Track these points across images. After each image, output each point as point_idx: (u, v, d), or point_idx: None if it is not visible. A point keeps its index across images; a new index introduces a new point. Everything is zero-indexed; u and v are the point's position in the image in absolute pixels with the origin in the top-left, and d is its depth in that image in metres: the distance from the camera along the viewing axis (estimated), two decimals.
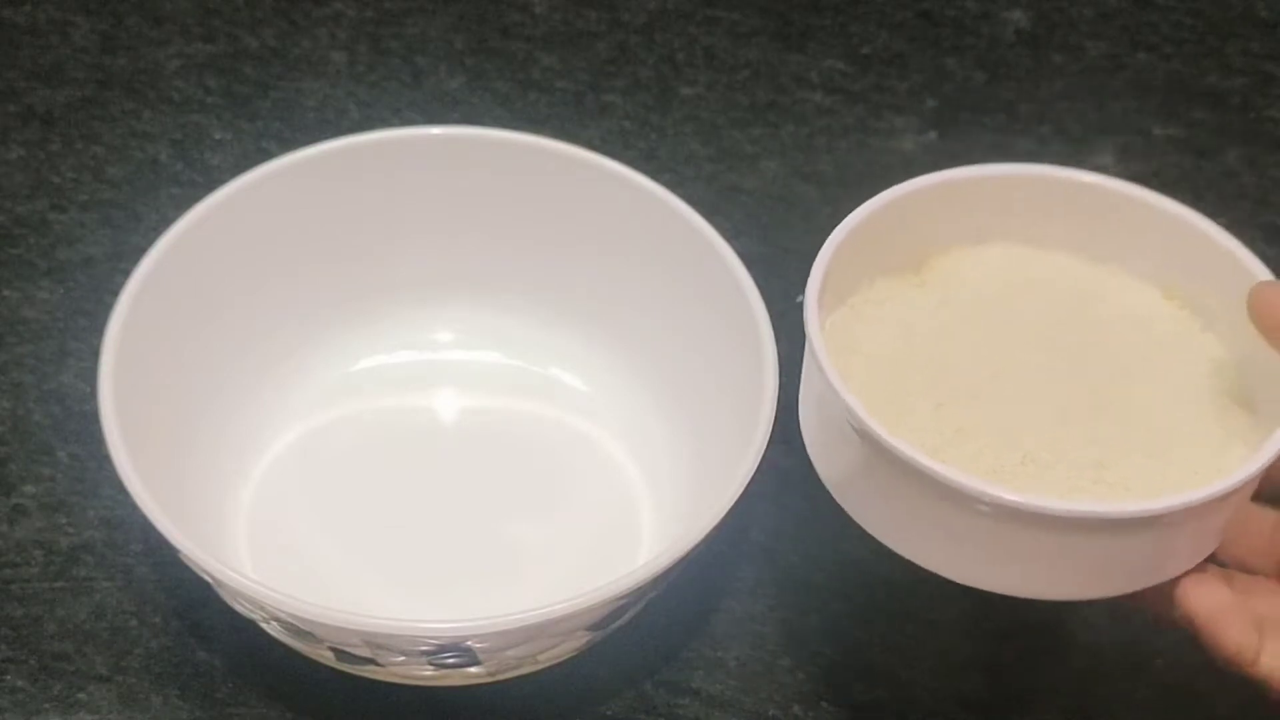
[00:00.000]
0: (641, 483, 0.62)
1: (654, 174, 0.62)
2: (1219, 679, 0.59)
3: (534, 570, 0.60)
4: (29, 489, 0.62)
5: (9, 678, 0.57)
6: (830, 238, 0.51)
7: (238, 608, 0.54)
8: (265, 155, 0.65)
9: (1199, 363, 0.52)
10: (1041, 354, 0.51)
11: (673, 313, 0.62)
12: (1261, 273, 0.51)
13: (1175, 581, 0.48)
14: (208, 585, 0.54)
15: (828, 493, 0.63)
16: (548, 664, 0.55)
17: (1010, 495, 0.45)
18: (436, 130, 0.63)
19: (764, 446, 0.54)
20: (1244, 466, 0.46)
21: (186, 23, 0.77)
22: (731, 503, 0.53)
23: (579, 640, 0.54)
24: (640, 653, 0.59)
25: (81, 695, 0.57)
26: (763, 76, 0.77)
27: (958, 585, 0.61)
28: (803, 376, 0.52)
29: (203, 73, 0.75)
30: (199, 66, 0.76)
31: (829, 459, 0.51)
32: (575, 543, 0.61)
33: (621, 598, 0.52)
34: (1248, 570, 0.51)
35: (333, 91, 0.75)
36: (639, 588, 0.52)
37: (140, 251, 0.59)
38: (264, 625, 0.54)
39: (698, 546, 0.53)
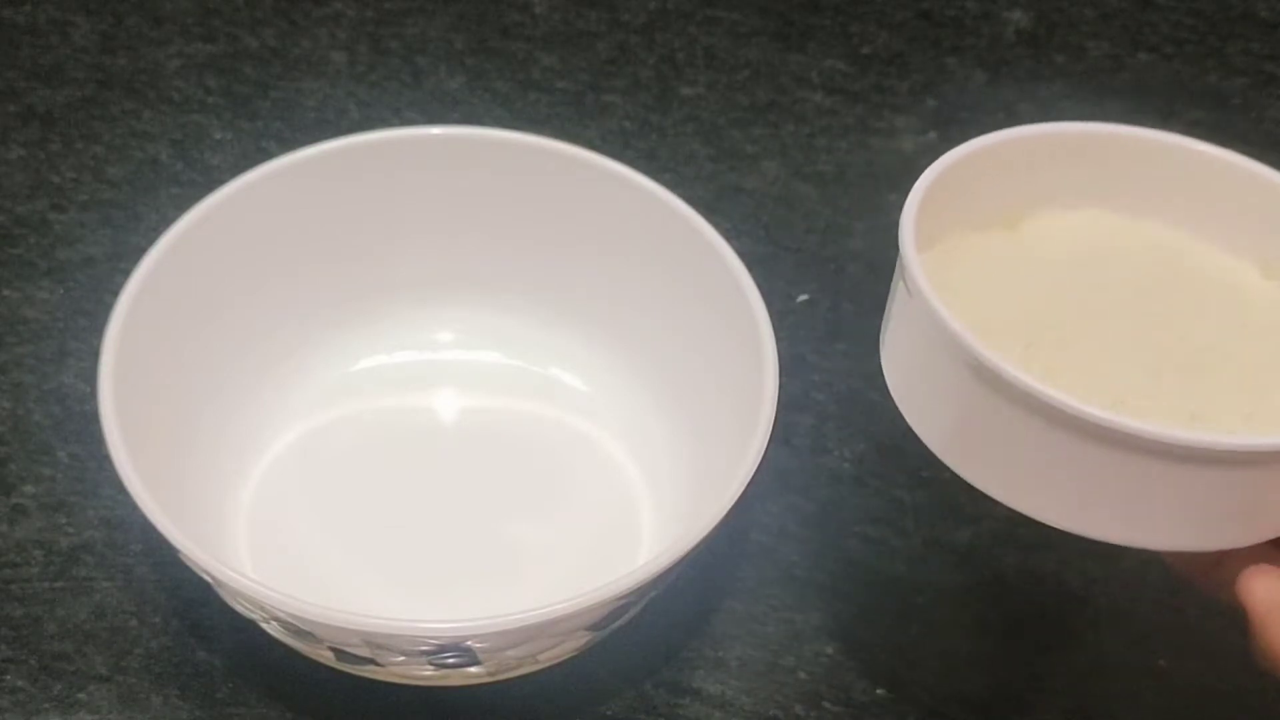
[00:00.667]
0: (641, 483, 0.62)
1: (654, 174, 0.62)
2: (1220, 679, 0.59)
3: (534, 570, 0.60)
4: (29, 489, 0.62)
5: (9, 678, 0.57)
6: (923, 176, 0.50)
7: (238, 608, 0.54)
8: (265, 155, 0.65)
9: None
10: (1133, 313, 0.50)
11: (673, 313, 0.62)
12: None
13: (1238, 569, 0.47)
14: (208, 585, 0.54)
15: (827, 492, 0.63)
16: (548, 664, 0.55)
17: (1131, 422, 0.43)
18: (436, 130, 0.63)
19: (764, 446, 0.54)
20: None
21: (186, 23, 0.77)
22: (731, 503, 0.53)
23: (579, 640, 0.54)
24: (640, 653, 0.59)
25: (81, 695, 0.57)
26: (763, 76, 0.77)
27: (958, 584, 0.61)
28: (891, 314, 0.50)
29: (203, 73, 0.75)
30: (199, 66, 0.76)
31: (922, 398, 0.49)
32: (575, 543, 0.61)
33: (621, 598, 0.52)
34: None
35: (333, 91, 0.75)
36: (639, 588, 0.52)
37: (140, 251, 0.59)
38: (264, 625, 0.54)
39: (698, 546, 0.53)
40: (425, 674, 0.54)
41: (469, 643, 0.51)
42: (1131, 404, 0.47)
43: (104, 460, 0.53)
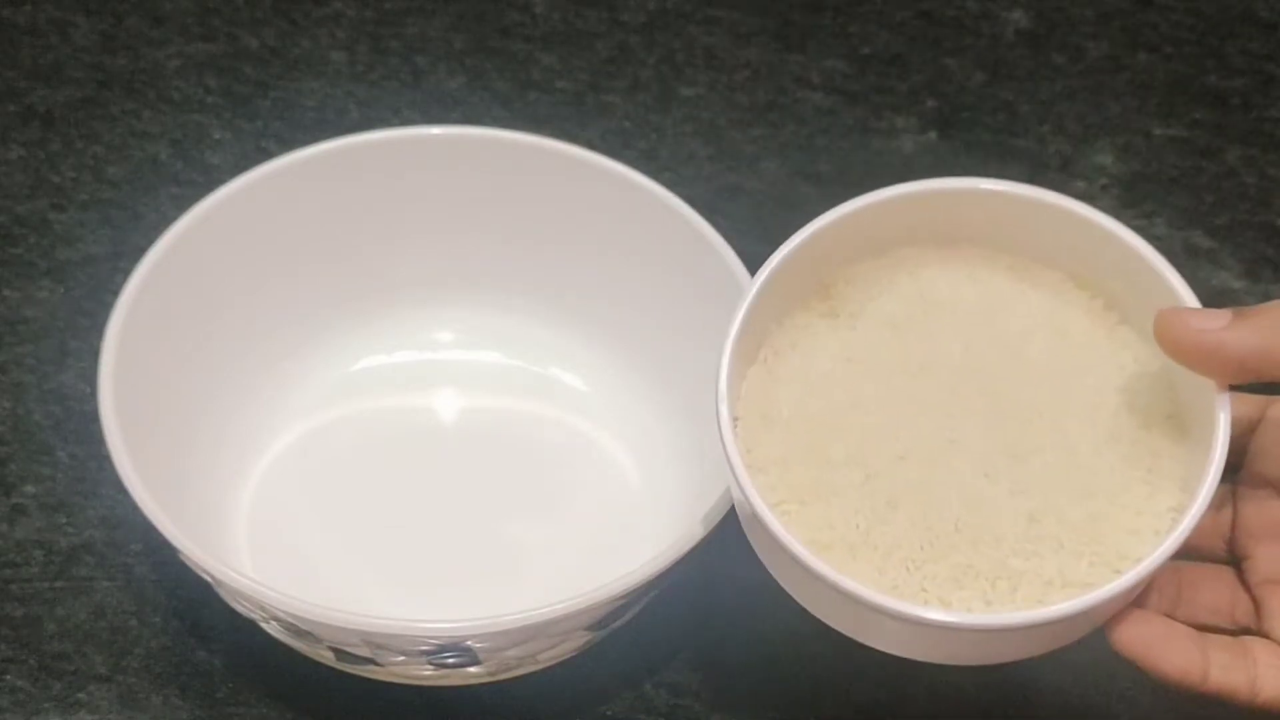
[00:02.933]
0: (641, 483, 0.62)
1: (654, 174, 0.62)
2: None
3: (534, 570, 0.60)
4: (29, 489, 0.62)
5: (9, 678, 0.57)
6: (740, 309, 0.50)
7: (238, 608, 0.54)
8: (265, 155, 0.65)
9: (1120, 367, 0.51)
10: (960, 387, 0.50)
11: (673, 313, 0.62)
12: (1165, 269, 0.49)
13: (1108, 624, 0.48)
14: (208, 585, 0.54)
15: None
16: (548, 664, 0.55)
17: (932, 614, 0.46)
18: (436, 130, 0.63)
19: None
20: (1156, 552, 0.46)
21: (186, 23, 0.77)
22: (731, 503, 0.53)
23: (579, 640, 0.54)
24: (640, 653, 0.59)
25: (81, 695, 0.57)
26: (763, 76, 0.77)
27: None
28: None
29: (203, 73, 0.75)
30: (199, 66, 0.76)
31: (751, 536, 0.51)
32: (575, 543, 0.61)
33: (621, 598, 0.52)
34: (1196, 553, 0.50)
35: (333, 91, 0.75)
36: (639, 588, 0.52)
37: (140, 251, 0.59)
38: (264, 625, 0.54)
39: (698, 546, 0.53)
40: (425, 674, 0.54)
41: (469, 643, 0.51)
42: (970, 522, 0.48)
43: (104, 460, 0.53)
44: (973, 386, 0.50)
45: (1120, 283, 0.51)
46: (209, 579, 0.53)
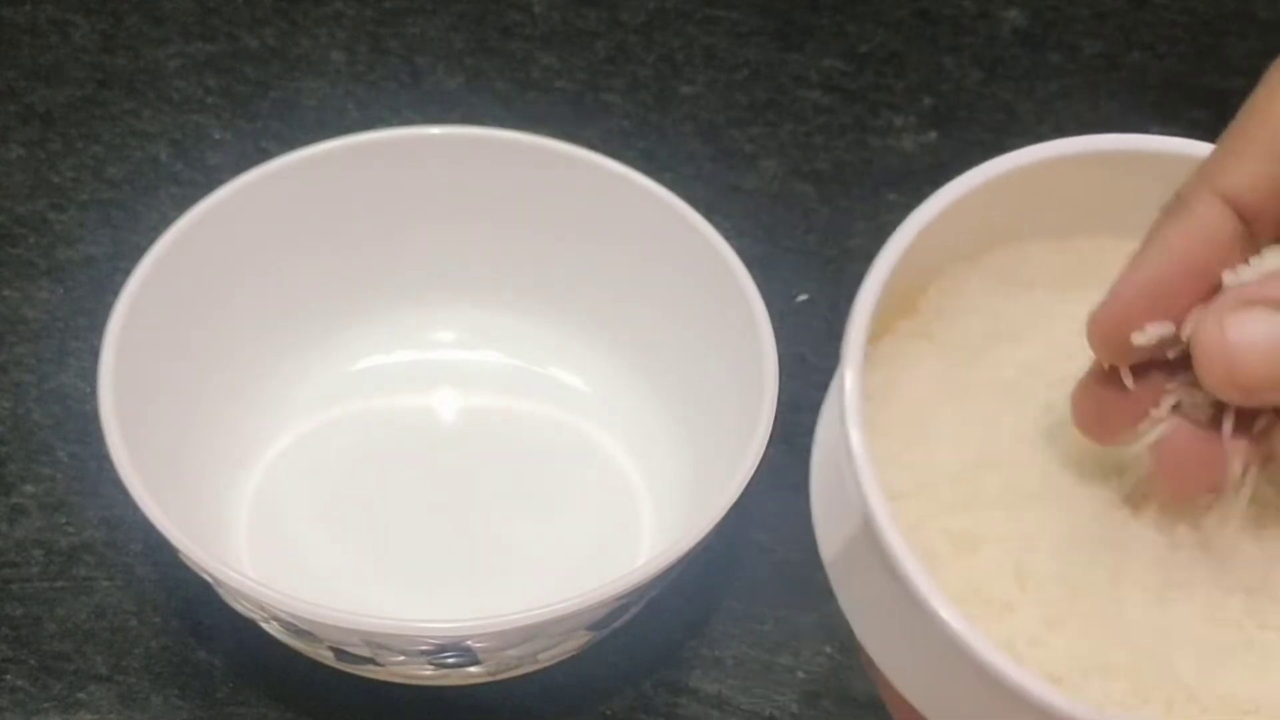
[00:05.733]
0: (641, 483, 0.62)
1: (654, 174, 0.62)
2: None
3: (534, 570, 0.60)
4: (29, 489, 0.62)
5: (9, 678, 0.57)
6: (850, 339, 0.38)
7: (238, 607, 0.54)
8: (265, 155, 0.64)
9: None
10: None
11: (673, 313, 0.62)
12: None
13: None
14: (208, 585, 0.54)
15: None
16: (548, 664, 0.55)
17: None
18: (436, 130, 0.63)
19: (764, 446, 0.54)
20: None
21: (186, 23, 0.77)
22: (731, 503, 0.53)
23: (579, 640, 0.54)
24: (640, 653, 0.59)
25: (81, 695, 0.57)
26: (762, 76, 0.77)
27: None
28: (840, 509, 0.39)
29: (203, 73, 0.75)
30: (199, 66, 0.76)
31: (851, 585, 0.39)
32: (575, 543, 0.61)
33: (621, 598, 0.52)
34: None
35: (333, 91, 0.75)
36: (639, 588, 0.52)
37: (140, 251, 0.59)
38: (264, 625, 0.54)
39: (698, 546, 0.53)
40: (425, 674, 0.54)
41: (469, 643, 0.51)
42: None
43: (104, 460, 0.54)
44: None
45: None
46: (209, 579, 0.53)
